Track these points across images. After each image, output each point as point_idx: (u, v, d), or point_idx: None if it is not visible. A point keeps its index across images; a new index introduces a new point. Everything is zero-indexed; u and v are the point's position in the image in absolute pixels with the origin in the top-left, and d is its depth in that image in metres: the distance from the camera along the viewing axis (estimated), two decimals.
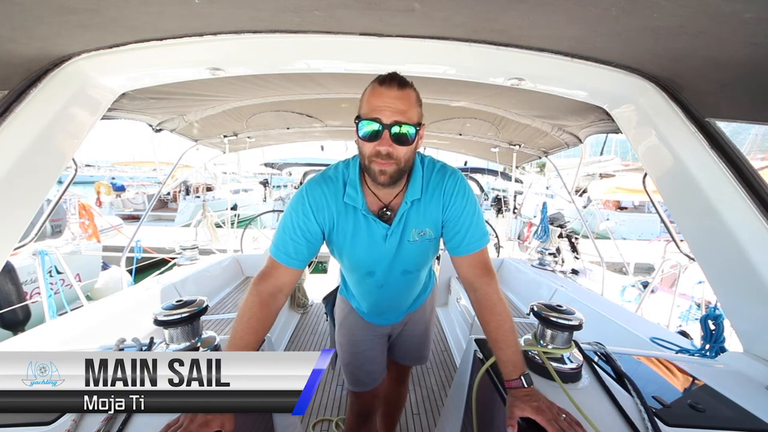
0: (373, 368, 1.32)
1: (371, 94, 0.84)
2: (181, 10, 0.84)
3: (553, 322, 0.95)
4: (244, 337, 0.84)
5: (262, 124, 3.02)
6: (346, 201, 0.95)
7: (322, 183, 0.97)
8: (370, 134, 0.83)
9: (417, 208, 0.99)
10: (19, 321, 3.35)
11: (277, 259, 0.94)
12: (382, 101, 0.81)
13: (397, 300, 1.22)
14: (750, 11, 0.64)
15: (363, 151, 0.87)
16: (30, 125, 0.98)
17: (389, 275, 1.09)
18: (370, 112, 0.82)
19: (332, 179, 0.98)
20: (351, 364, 1.31)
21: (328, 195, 0.96)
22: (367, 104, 0.84)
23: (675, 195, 1.21)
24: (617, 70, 1.07)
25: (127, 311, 2.00)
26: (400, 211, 0.97)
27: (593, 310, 2.12)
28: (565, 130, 2.34)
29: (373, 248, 1.01)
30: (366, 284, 1.15)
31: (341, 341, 1.32)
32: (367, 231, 0.98)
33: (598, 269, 3.64)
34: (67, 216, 5.44)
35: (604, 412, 0.81)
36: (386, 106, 0.81)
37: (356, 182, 0.96)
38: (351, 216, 0.97)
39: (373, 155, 0.84)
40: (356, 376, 1.31)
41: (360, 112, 0.86)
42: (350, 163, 1.00)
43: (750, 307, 1.10)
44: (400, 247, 1.01)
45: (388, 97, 0.81)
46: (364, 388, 1.32)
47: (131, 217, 12.12)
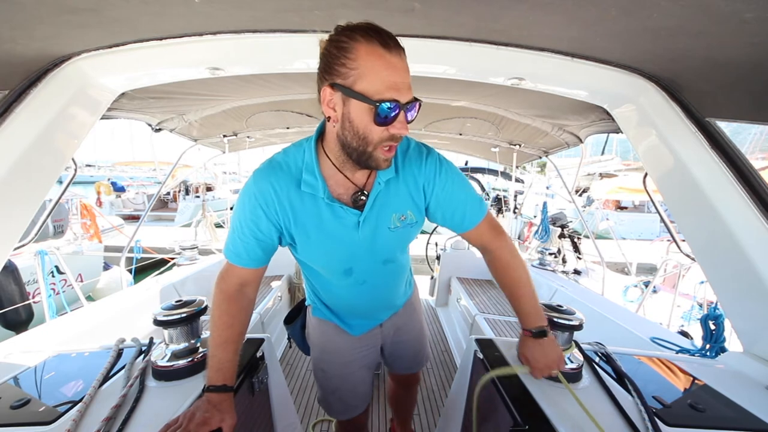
0: (363, 389, 1.20)
1: (379, 63, 0.64)
2: (181, 10, 0.84)
3: (554, 322, 0.95)
4: (222, 335, 0.81)
5: (262, 123, 3.02)
6: (304, 190, 0.81)
7: (270, 173, 0.81)
8: (386, 119, 0.67)
9: (394, 188, 0.86)
10: (21, 321, 3.35)
11: (230, 260, 0.86)
12: (397, 75, 0.65)
13: (383, 294, 1.10)
14: (750, 11, 0.64)
15: (366, 135, 0.69)
16: (30, 125, 0.98)
17: (369, 268, 0.96)
18: (386, 90, 0.64)
19: (282, 166, 0.82)
20: (340, 390, 1.17)
21: (279, 186, 0.81)
22: (375, 77, 0.64)
23: (675, 195, 1.21)
24: (617, 70, 1.07)
25: (127, 311, 2.00)
26: (373, 192, 0.84)
27: (593, 310, 2.12)
28: (565, 129, 2.34)
29: (345, 240, 0.87)
30: (345, 286, 1.00)
31: (326, 368, 1.16)
32: (335, 221, 0.84)
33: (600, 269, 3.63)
34: (69, 216, 5.44)
35: (604, 412, 0.81)
36: (402, 81, 0.66)
37: (313, 166, 0.80)
38: (311, 207, 0.83)
39: (385, 140, 0.70)
40: (346, 401, 1.18)
41: (361, 87, 0.65)
42: (303, 144, 0.84)
43: (750, 307, 1.10)
44: (377, 234, 0.88)
45: (402, 70, 0.66)
46: (354, 413, 1.21)
47: (131, 217, 12.13)
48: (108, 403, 0.78)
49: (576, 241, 5.56)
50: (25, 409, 0.78)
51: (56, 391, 0.86)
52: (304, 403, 2.23)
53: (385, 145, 0.71)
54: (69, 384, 0.88)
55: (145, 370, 0.92)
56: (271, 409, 1.19)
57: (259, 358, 1.11)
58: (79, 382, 0.89)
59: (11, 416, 0.76)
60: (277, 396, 1.22)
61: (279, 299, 3.22)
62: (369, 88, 0.64)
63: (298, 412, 2.14)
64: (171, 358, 0.91)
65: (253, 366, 1.05)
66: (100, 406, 0.79)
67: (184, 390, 0.86)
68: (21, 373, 0.95)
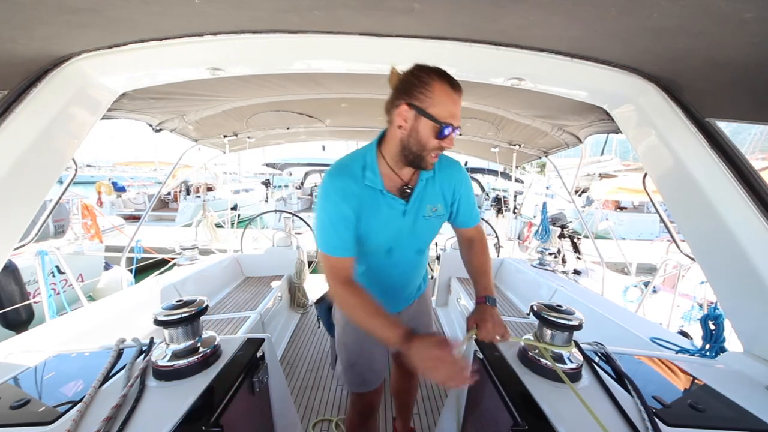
0: (378, 366, 1.35)
1: (449, 99, 0.92)
2: (181, 10, 0.84)
3: (553, 323, 0.95)
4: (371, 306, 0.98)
5: (262, 124, 3.02)
6: (367, 183, 1.04)
7: (341, 173, 1.05)
8: (444, 136, 0.94)
9: (430, 186, 1.13)
10: (22, 321, 3.35)
11: (334, 254, 1.03)
12: (456, 109, 0.94)
13: (409, 279, 1.31)
14: (750, 11, 0.64)
15: (426, 143, 0.95)
16: (30, 125, 0.98)
17: (405, 253, 1.20)
18: (448, 117, 0.92)
19: (349, 166, 1.05)
20: (358, 364, 1.32)
21: (349, 181, 1.03)
22: (443, 107, 0.91)
23: (675, 195, 1.21)
24: (617, 70, 1.07)
25: (127, 311, 2.00)
26: (417, 188, 1.10)
27: (593, 310, 2.12)
28: (565, 130, 2.34)
29: (392, 224, 1.10)
30: (383, 265, 1.20)
31: (347, 341, 1.32)
32: (388, 208, 1.08)
33: (600, 269, 3.63)
34: (69, 216, 5.44)
35: (604, 412, 0.81)
36: (457, 113, 0.95)
37: (374, 165, 1.05)
38: (371, 197, 1.05)
39: (435, 149, 0.97)
40: (363, 375, 1.33)
41: (432, 111, 0.91)
42: (366, 149, 1.08)
43: (750, 307, 1.10)
44: (416, 222, 1.13)
45: (458, 106, 0.95)
46: (369, 387, 1.34)
47: (132, 217, 12.12)
48: (108, 403, 0.78)
49: (576, 241, 5.56)
50: (25, 409, 0.78)
51: (56, 391, 0.86)
52: (304, 403, 2.24)
53: (435, 152, 0.97)
54: (69, 384, 0.88)
55: (146, 370, 0.92)
56: (271, 409, 1.19)
57: (259, 358, 1.11)
58: (79, 382, 0.89)
59: (11, 416, 0.76)
60: (277, 396, 1.22)
61: (279, 299, 3.23)
62: (437, 113, 0.91)
63: (298, 412, 2.14)
64: (171, 358, 0.91)
65: (253, 366, 1.05)
66: (101, 406, 0.79)
67: (185, 390, 0.86)
68: (21, 373, 0.95)
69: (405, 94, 0.94)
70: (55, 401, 0.81)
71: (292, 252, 3.75)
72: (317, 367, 2.67)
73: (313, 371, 2.61)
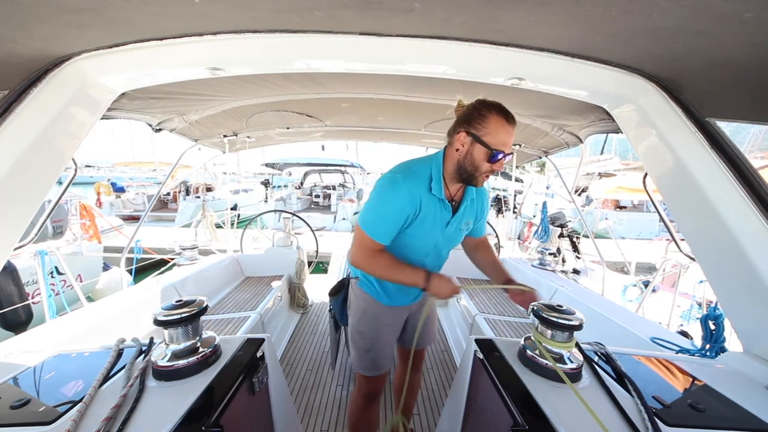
0: (389, 352, 1.49)
1: (502, 129, 1.08)
2: (181, 10, 0.84)
3: (553, 323, 0.95)
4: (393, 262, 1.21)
5: (262, 123, 3.02)
6: (433, 192, 1.18)
7: (413, 175, 1.18)
8: (496, 160, 1.10)
9: (471, 205, 1.33)
10: (21, 321, 3.34)
11: (380, 240, 1.18)
12: (509, 138, 1.10)
13: None
14: (750, 11, 0.64)
15: (479, 166, 1.12)
16: (30, 125, 0.98)
17: (438, 254, 1.36)
18: (501, 145, 1.08)
19: (419, 173, 1.19)
20: (372, 350, 1.45)
21: (419, 185, 1.17)
22: (496, 136, 1.08)
23: (675, 195, 1.21)
24: (617, 70, 1.07)
25: (127, 311, 2.00)
26: (463, 205, 1.29)
27: (593, 310, 2.12)
28: (565, 129, 2.34)
29: (437, 230, 1.26)
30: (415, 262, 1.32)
31: (363, 329, 1.45)
32: (441, 216, 1.24)
33: (600, 269, 3.63)
34: (68, 217, 5.43)
35: (604, 412, 0.81)
36: (510, 142, 1.11)
37: (440, 178, 1.19)
38: (431, 204, 1.20)
39: (487, 171, 1.13)
40: (376, 360, 1.45)
41: (486, 140, 1.08)
42: (432, 161, 1.22)
43: (750, 307, 1.10)
44: (454, 233, 1.31)
45: (511, 136, 1.10)
46: (379, 372, 1.47)
47: (131, 218, 12.10)
48: (108, 403, 0.78)
49: (575, 240, 5.56)
50: (25, 409, 0.78)
51: (56, 391, 0.86)
52: (304, 403, 2.24)
53: (486, 173, 1.14)
54: (69, 384, 0.88)
55: (146, 370, 0.92)
56: (271, 409, 1.19)
57: (259, 358, 1.11)
58: (79, 382, 0.89)
59: (11, 416, 0.76)
60: (277, 396, 1.22)
61: (279, 299, 3.22)
62: (491, 141, 1.08)
63: (298, 412, 2.14)
64: (171, 358, 0.91)
65: (253, 366, 1.05)
66: (100, 406, 0.79)
67: (185, 390, 0.86)
68: (21, 373, 0.95)
69: (465, 123, 1.12)
70: (55, 401, 0.81)
71: (291, 252, 3.75)
72: (317, 367, 2.67)
73: (313, 371, 2.61)
